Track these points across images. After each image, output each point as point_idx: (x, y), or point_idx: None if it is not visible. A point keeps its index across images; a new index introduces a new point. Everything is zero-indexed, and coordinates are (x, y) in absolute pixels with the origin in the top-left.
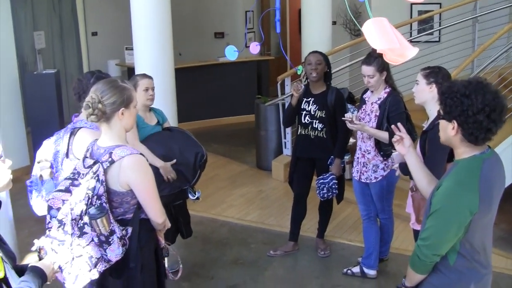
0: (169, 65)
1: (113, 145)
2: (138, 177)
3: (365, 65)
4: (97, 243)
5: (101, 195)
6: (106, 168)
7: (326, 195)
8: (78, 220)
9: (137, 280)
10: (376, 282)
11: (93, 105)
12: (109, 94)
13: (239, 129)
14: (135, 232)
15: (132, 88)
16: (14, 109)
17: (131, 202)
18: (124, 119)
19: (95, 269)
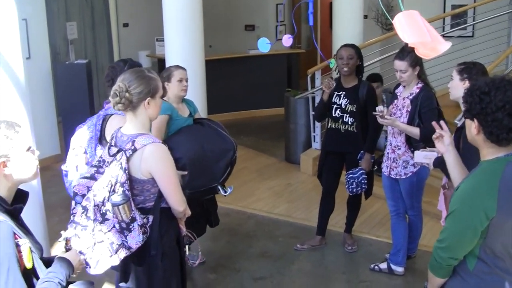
0: (200, 57)
1: (136, 133)
2: (160, 165)
3: (398, 60)
4: (118, 230)
5: (124, 183)
6: (129, 156)
7: (355, 190)
8: (101, 207)
9: (158, 268)
10: (403, 279)
11: (120, 94)
12: (136, 84)
13: (268, 122)
14: (156, 221)
15: (158, 79)
16: (46, 98)
17: (151, 190)
18: (149, 109)
19: (116, 255)
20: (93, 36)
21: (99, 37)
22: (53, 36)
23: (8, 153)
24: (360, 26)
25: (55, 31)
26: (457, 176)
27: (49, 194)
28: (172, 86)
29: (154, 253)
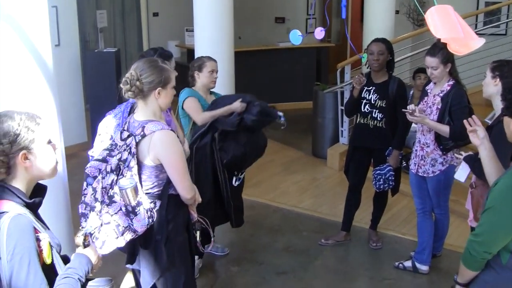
0: (229, 48)
1: (147, 119)
2: (167, 152)
3: (429, 56)
4: (125, 213)
5: (132, 167)
6: (138, 142)
7: (382, 187)
8: (108, 189)
9: (163, 253)
10: (428, 278)
11: (131, 81)
12: (148, 73)
13: (296, 115)
14: (163, 206)
15: (171, 70)
16: (74, 86)
17: (159, 176)
18: (160, 99)
19: (122, 237)
20: (123, 25)
21: (128, 26)
22: (83, 24)
23: (29, 145)
24: (392, 20)
25: (85, 19)
26: (491, 171)
27: (74, 181)
28: (202, 76)
29: (159, 238)
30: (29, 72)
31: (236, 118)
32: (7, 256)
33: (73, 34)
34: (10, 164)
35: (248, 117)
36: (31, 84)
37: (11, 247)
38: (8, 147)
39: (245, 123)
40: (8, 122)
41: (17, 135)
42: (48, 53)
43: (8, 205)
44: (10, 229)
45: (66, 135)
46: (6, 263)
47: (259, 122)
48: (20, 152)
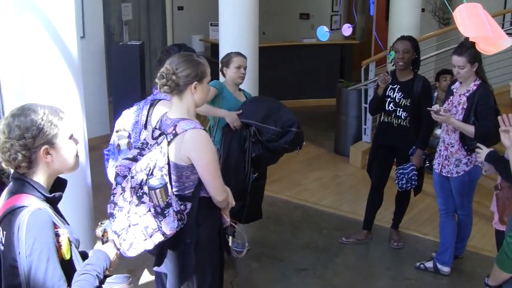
0: (254, 43)
1: (179, 117)
2: (199, 152)
3: (456, 55)
4: (154, 214)
5: (162, 167)
6: (170, 141)
7: (404, 186)
8: (138, 189)
9: (192, 257)
10: (449, 280)
11: (167, 76)
12: (184, 67)
13: (319, 112)
14: (193, 209)
15: (207, 64)
16: (98, 78)
17: (190, 177)
18: (196, 94)
19: (150, 239)
20: (147, 18)
21: (153, 20)
22: (108, 16)
23: (52, 140)
24: (418, 18)
25: (110, 11)
26: None
27: (96, 173)
28: (229, 72)
29: (189, 241)
30: (54, 64)
31: (275, 134)
32: (26, 251)
33: (98, 26)
34: (32, 159)
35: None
36: (56, 76)
37: (30, 242)
38: (30, 142)
39: (273, 145)
40: (31, 115)
41: (40, 129)
42: (73, 45)
43: (28, 200)
44: (30, 224)
45: (89, 127)
46: (25, 258)
47: (283, 149)
48: (42, 147)
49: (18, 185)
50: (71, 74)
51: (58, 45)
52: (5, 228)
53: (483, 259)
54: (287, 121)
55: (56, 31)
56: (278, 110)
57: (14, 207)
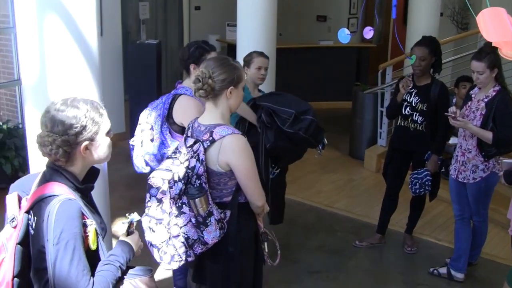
0: (271, 45)
1: (214, 123)
2: (239, 157)
3: (475, 61)
4: (194, 224)
5: (201, 175)
6: (206, 147)
7: (418, 191)
8: (177, 200)
9: (236, 265)
10: (463, 286)
11: (203, 80)
12: (220, 71)
13: (335, 115)
14: (233, 216)
15: (242, 69)
16: (114, 76)
17: (228, 183)
18: (231, 99)
19: (192, 250)
20: (165, 17)
21: (170, 19)
22: (125, 15)
23: (93, 137)
24: (436, 22)
25: (128, 10)
26: None
27: (112, 171)
28: (250, 72)
29: (232, 250)
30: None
31: (290, 115)
32: (54, 239)
33: (116, 24)
34: (71, 154)
35: (295, 127)
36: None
37: (58, 231)
38: (73, 138)
39: (289, 130)
40: (75, 112)
41: (83, 126)
42: (94, 43)
43: (60, 188)
44: (59, 214)
45: None
46: (52, 246)
47: (301, 139)
48: (83, 143)
49: (52, 173)
50: (90, 72)
51: (78, 42)
52: (36, 214)
53: (497, 266)
54: (302, 107)
55: (77, 28)
56: (294, 100)
57: (46, 195)
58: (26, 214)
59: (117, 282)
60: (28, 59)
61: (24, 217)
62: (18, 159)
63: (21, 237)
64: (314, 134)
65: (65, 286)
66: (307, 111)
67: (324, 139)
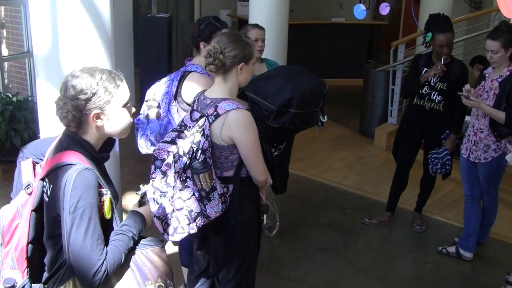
0: (284, 20)
1: (220, 97)
2: (243, 132)
3: (490, 40)
4: (198, 198)
5: (206, 150)
6: (211, 122)
7: (439, 171)
8: (181, 173)
9: (238, 238)
10: (471, 266)
11: (214, 55)
12: (232, 47)
13: (346, 92)
14: (236, 190)
15: (254, 45)
16: (125, 50)
17: (229, 157)
18: (241, 75)
19: (194, 223)
20: None
21: None
22: None
23: (103, 106)
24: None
25: None
26: None
27: (121, 145)
28: None
29: (234, 223)
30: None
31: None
32: (70, 208)
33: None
34: (82, 120)
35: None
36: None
37: (74, 200)
38: (82, 104)
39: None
40: (88, 79)
41: (93, 93)
42: (106, 14)
43: (76, 157)
44: (76, 183)
45: None
46: (68, 215)
47: (289, 129)
48: (93, 111)
49: (69, 141)
50: (103, 44)
51: (90, 14)
52: (52, 181)
53: (506, 246)
54: (281, 99)
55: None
56: (276, 87)
57: (63, 163)
58: (41, 181)
59: (129, 252)
60: (40, 31)
61: (39, 184)
62: (28, 132)
63: (36, 204)
64: (304, 122)
65: (80, 254)
66: (290, 102)
67: (321, 118)
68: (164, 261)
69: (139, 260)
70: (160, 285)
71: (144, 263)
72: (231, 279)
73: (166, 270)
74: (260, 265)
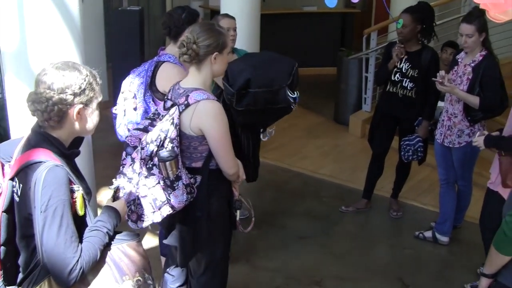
0: (256, 10)
1: (192, 87)
2: (213, 123)
3: (465, 23)
4: (163, 187)
5: (174, 139)
6: (181, 111)
7: (411, 158)
8: (147, 161)
9: (204, 230)
10: (448, 249)
11: (187, 45)
12: (205, 37)
13: (320, 80)
14: (204, 181)
15: (227, 34)
16: (96, 43)
17: (198, 148)
18: (215, 64)
19: (159, 212)
20: None
21: None
22: None
23: (88, 102)
24: None
25: None
26: None
27: (96, 140)
28: None
29: (200, 214)
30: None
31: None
32: (41, 206)
33: None
34: (64, 115)
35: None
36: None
37: (45, 198)
38: (70, 98)
39: (242, 110)
40: (76, 73)
41: (82, 89)
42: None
43: (46, 155)
44: (46, 181)
45: None
46: (40, 213)
47: (259, 110)
48: (78, 106)
49: (37, 139)
50: (73, 39)
51: (59, 8)
52: (21, 180)
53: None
54: (240, 80)
55: None
56: (234, 71)
57: (32, 161)
58: (10, 181)
59: (105, 248)
60: (7, 26)
61: (8, 184)
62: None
63: (7, 204)
64: (270, 101)
65: (54, 253)
66: (249, 83)
67: (290, 94)
68: (141, 255)
69: (115, 255)
70: (138, 280)
71: (120, 258)
72: (202, 273)
73: (143, 264)
74: (238, 256)
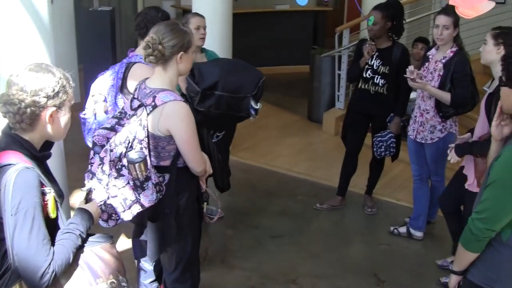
0: (228, 10)
1: (159, 87)
2: (180, 124)
3: (444, 15)
4: (133, 187)
5: (142, 140)
6: (149, 113)
7: (383, 154)
8: (117, 162)
9: (172, 226)
10: (422, 244)
11: (153, 46)
12: (170, 37)
13: (293, 79)
14: (172, 180)
15: (192, 33)
16: (67, 45)
17: (166, 147)
18: (181, 63)
19: (129, 211)
20: None
21: None
22: None
23: (60, 106)
24: None
25: None
26: None
27: (68, 142)
28: None
29: (168, 211)
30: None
31: (194, 92)
32: (12, 209)
33: None
34: (36, 118)
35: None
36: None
37: (16, 201)
38: (43, 101)
39: (203, 110)
40: (49, 75)
41: (55, 92)
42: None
43: (16, 157)
44: (17, 183)
45: None
46: (10, 217)
47: (219, 115)
48: (51, 109)
49: (8, 140)
50: (42, 40)
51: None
52: None
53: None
54: (208, 81)
55: None
56: (204, 73)
57: (1, 164)
58: None
59: (78, 250)
60: None
61: None
62: None
63: None
64: (232, 107)
65: (25, 256)
66: (216, 85)
67: (253, 105)
68: (115, 257)
69: (88, 257)
70: (112, 282)
71: (94, 261)
72: (174, 270)
73: (117, 266)
74: (213, 257)
